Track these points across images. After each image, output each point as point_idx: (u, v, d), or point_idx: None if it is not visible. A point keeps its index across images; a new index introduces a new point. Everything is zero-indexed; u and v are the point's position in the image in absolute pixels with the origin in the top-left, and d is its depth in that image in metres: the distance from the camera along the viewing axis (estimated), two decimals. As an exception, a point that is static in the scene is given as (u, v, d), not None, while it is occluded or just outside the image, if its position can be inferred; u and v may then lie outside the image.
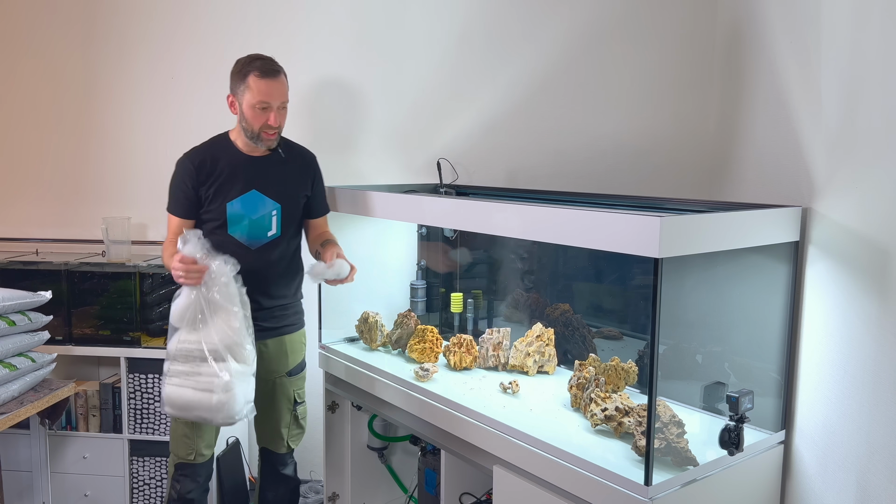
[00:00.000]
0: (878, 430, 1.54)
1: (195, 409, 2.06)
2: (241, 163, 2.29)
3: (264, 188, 2.30)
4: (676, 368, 1.96)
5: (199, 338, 2.05)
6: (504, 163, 2.86)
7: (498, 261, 2.71)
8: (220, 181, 2.26)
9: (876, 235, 1.57)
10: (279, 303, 2.36)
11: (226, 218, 2.26)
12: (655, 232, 1.50)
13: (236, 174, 2.28)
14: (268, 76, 2.20)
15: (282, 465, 2.49)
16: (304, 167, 2.41)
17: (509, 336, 2.39)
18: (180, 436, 2.33)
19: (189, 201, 2.27)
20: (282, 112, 2.25)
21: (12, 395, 2.40)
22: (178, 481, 2.34)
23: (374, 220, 2.54)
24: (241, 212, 2.27)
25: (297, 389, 2.46)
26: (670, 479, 1.62)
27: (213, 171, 2.27)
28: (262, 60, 2.22)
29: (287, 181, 2.35)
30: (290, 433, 2.47)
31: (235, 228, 2.27)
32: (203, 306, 2.06)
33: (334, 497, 2.68)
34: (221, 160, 2.28)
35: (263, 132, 2.23)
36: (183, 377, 2.05)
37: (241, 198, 2.27)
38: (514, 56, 2.82)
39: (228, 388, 2.05)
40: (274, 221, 2.31)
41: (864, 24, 1.62)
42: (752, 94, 2.29)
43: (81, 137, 3.19)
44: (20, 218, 3.25)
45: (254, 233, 2.28)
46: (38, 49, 3.18)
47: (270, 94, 2.19)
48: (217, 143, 2.33)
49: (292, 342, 2.42)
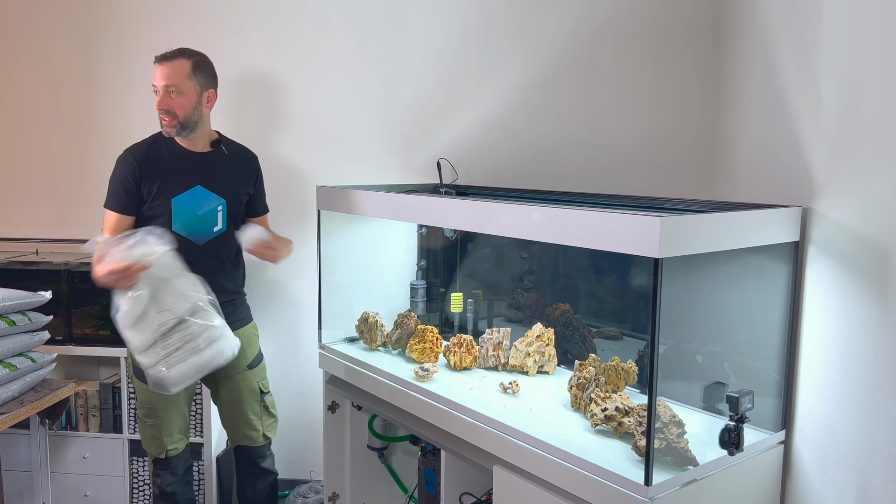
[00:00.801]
0: (878, 430, 1.54)
1: (211, 363, 2.10)
2: (185, 158, 2.32)
3: (209, 184, 2.32)
4: (676, 368, 1.96)
5: (170, 315, 2.07)
6: (504, 163, 2.86)
7: (498, 261, 2.71)
8: (164, 177, 2.27)
9: (876, 235, 1.57)
10: (229, 298, 2.40)
11: (171, 214, 2.27)
12: (655, 232, 1.50)
13: (180, 170, 2.30)
14: (156, 62, 2.30)
15: (261, 457, 2.51)
16: (247, 166, 2.45)
17: (509, 336, 2.39)
18: (148, 437, 2.39)
19: (130, 197, 2.27)
20: (170, 96, 2.27)
21: (12, 395, 2.40)
22: (158, 476, 2.41)
23: (374, 220, 2.54)
24: (187, 207, 2.29)
25: (261, 380, 2.51)
26: (670, 479, 1.62)
27: (157, 166, 2.28)
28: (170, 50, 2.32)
29: (230, 177, 2.38)
30: (265, 423, 2.51)
31: (181, 224, 2.28)
32: (155, 289, 2.07)
33: (334, 497, 2.68)
34: (164, 156, 2.30)
35: (160, 117, 2.29)
36: (178, 351, 2.07)
37: (187, 193, 2.29)
38: (514, 56, 2.82)
39: (223, 328, 2.13)
40: (219, 216, 2.34)
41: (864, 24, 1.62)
42: (752, 93, 2.29)
43: (81, 137, 3.19)
44: (20, 218, 3.25)
45: (200, 228, 2.31)
46: (38, 49, 3.19)
47: (156, 77, 2.29)
48: (158, 140, 2.35)
49: (246, 336, 2.46)
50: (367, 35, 2.95)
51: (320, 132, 3.01)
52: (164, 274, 2.09)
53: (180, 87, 2.26)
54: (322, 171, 3.01)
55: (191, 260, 2.20)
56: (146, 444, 2.42)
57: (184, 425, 2.44)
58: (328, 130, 3.01)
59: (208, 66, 2.35)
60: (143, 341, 2.08)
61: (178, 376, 2.06)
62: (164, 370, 2.06)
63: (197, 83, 2.29)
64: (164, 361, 2.06)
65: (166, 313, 2.08)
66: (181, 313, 2.08)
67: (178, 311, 2.08)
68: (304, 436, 3.10)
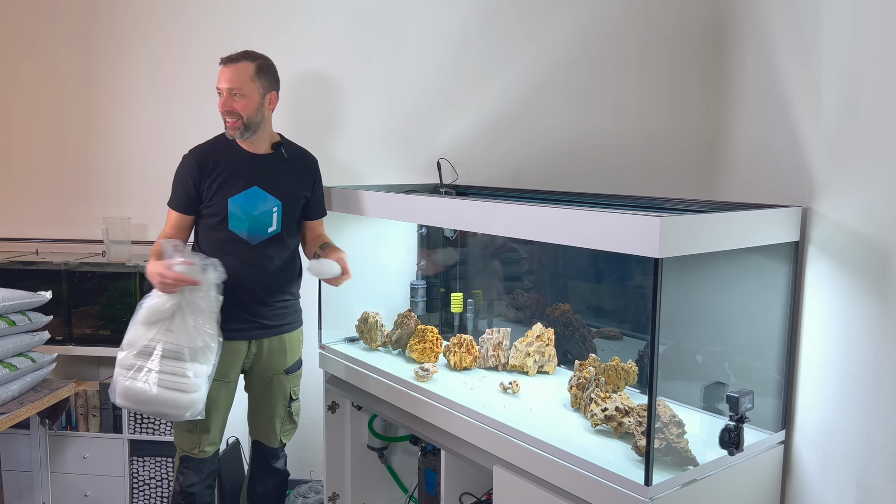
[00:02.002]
0: (878, 430, 1.54)
1: (158, 405, 2.10)
2: (244, 160, 2.33)
3: (266, 185, 2.32)
4: (676, 368, 1.96)
5: (174, 339, 2.09)
6: (504, 163, 2.86)
7: (498, 261, 2.71)
8: (222, 177, 2.29)
9: (876, 235, 1.57)
10: (280, 298, 2.38)
11: (227, 213, 2.28)
12: (655, 232, 1.50)
13: (238, 171, 2.31)
14: (222, 63, 2.28)
15: (273, 458, 2.51)
16: (305, 169, 2.44)
17: (509, 336, 2.39)
18: (184, 430, 2.36)
19: (189, 197, 2.30)
20: (234, 98, 2.26)
21: (12, 395, 2.40)
22: (182, 473, 2.37)
23: (374, 220, 2.54)
24: (243, 207, 2.29)
25: (293, 386, 2.49)
26: (670, 479, 1.62)
27: (216, 167, 2.30)
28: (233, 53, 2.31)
29: (288, 180, 2.37)
30: (283, 428, 2.50)
31: (236, 224, 2.29)
32: (182, 308, 2.10)
33: (334, 497, 2.68)
34: (224, 157, 2.32)
35: (224, 119, 2.29)
36: (147, 373, 2.08)
37: (243, 194, 2.29)
38: (514, 56, 2.82)
39: (198, 388, 2.12)
40: (274, 218, 2.33)
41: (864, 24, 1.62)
42: (752, 94, 2.29)
43: (81, 137, 3.19)
44: (20, 218, 3.25)
45: (254, 228, 2.30)
46: (38, 49, 3.19)
47: (219, 80, 2.27)
48: (220, 141, 2.36)
49: (291, 340, 2.44)
50: (367, 35, 2.95)
51: (320, 132, 3.01)
52: (198, 302, 2.12)
53: (243, 89, 2.26)
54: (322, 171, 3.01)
55: (244, 259, 2.26)
56: (179, 438, 2.37)
57: (222, 429, 2.41)
58: (328, 131, 3.01)
59: (271, 69, 2.36)
60: (136, 342, 2.10)
61: (130, 389, 2.08)
62: (127, 381, 2.07)
63: (260, 85, 2.29)
64: (136, 373, 2.08)
65: (171, 335, 2.10)
66: (183, 344, 2.10)
67: (182, 342, 2.10)
68: (304, 436, 3.10)
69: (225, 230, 2.29)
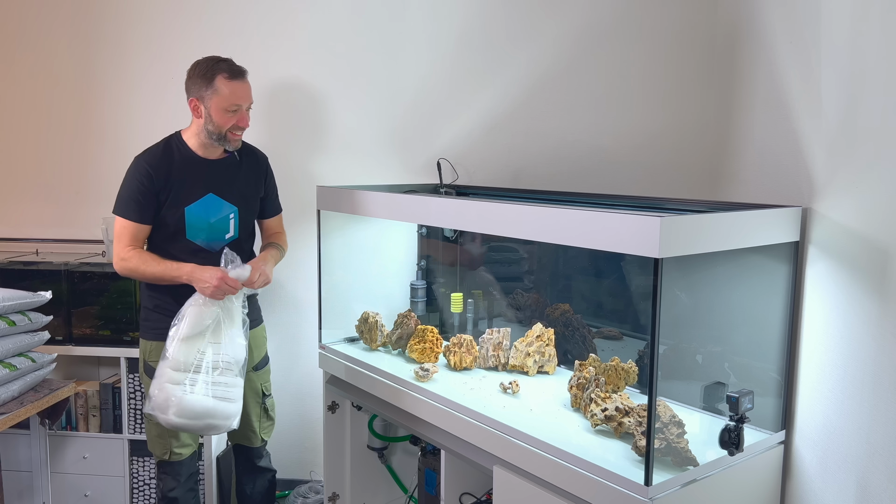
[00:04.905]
0: (878, 430, 1.54)
1: (213, 417, 2.09)
2: (198, 166, 2.27)
3: (221, 191, 2.29)
4: (676, 368, 1.96)
5: (220, 349, 2.10)
6: (504, 163, 2.86)
7: (498, 261, 2.71)
8: (176, 185, 2.23)
9: (876, 235, 1.57)
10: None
11: (185, 223, 2.24)
12: (655, 232, 1.50)
13: (193, 178, 2.25)
14: (237, 77, 2.20)
15: (258, 457, 2.52)
16: (258, 168, 2.42)
17: (509, 336, 2.39)
18: (154, 436, 2.36)
19: (149, 205, 2.21)
20: (247, 113, 2.27)
21: (12, 395, 2.40)
22: (161, 479, 2.39)
23: (374, 220, 2.54)
24: (200, 216, 2.25)
25: (264, 383, 2.51)
26: (670, 479, 1.62)
27: (170, 174, 2.23)
28: (226, 62, 2.22)
29: (242, 183, 2.35)
30: (262, 426, 2.52)
31: (194, 233, 2.26)
32: (222, 317, 2.12)
33: (334, 497, 2.68)
34: (177, 163, 2.25)
35: (230, 133, 2.24)
36: (205, 386, 2.07)
37: (200, 202, 2.25)
38: (514, 56, 2.82)
39: (240, 396, 2.15)
40: (231, 224, 2.32)
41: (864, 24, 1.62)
42: (752, 94, 2.29)
43: (81, 137, 3.19)
44: (20, 218, 3.25)
45: (212, 236, 2.28)
46: (37, 49, 3.19)
47: (240, 96, 2.20)
48: (171, 145, 2.28)
49: (255, 338, 2.46)
50: (367, 35, 2.95)
51: (321, 132, 3.01)
52: (234, 311, 2.13)
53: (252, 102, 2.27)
54: (322, 171, 3.01)
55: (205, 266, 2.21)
56: (151, 445, 2.39)
57: (190, 436, 2.39)
58: (329, 130, 3.01)
59: None
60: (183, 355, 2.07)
61: (191, 405, 2.05)
62: (188, 396, 2.04)
63: None
64: (192, 387, 2.05)
65: (218, 345, 2.10)
66: (229, 353, 2.10)
67: (228, 351, 2.11)
68: (304, 436, 3.10)
69: (182, 240, 2.25)
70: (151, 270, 2.19)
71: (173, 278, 2.18)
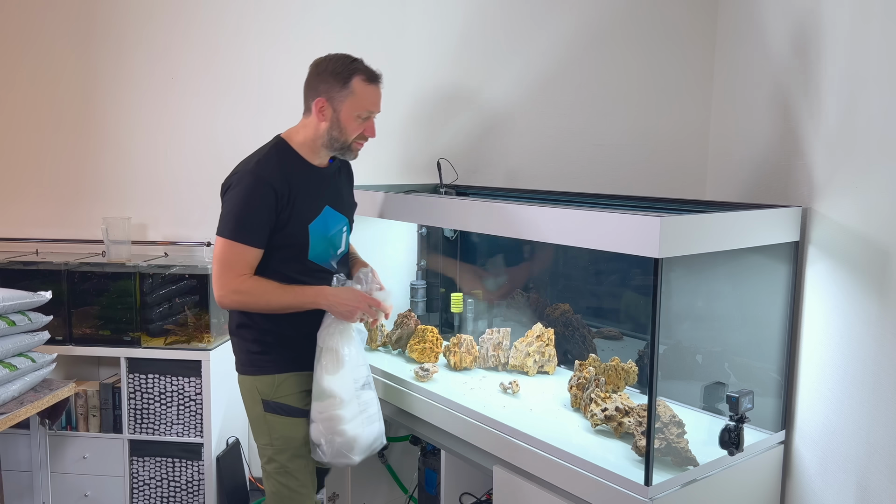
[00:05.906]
0: (878, 430, 1.54)
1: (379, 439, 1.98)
2: (314, 176, 1.97)
3: (335, 203, 2.01)
4: (676, 368, 1.97)
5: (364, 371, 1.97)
6: (504, 163, 2.86)
7: (498, 261, 2.71)
8: (296, 201, 1.90)
9: (876, 235, 1.57)
10: None
11: (308, 242, 1.92)
12: (655, 232, 1.50)
13: (313, 191, 1.95)
14: (374, 81, 1.95)
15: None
16: (349, 174, 2.20)
17: (509, 336, 2.39)
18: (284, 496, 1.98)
19: (269, 229, 1.88)
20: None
21: (12, 395, 2.39)
22: None
23: (373, 220, 2.54)
24: (321, 233, 1.95)
25: None
26: (670, 479, 1.62)
27: (291, 189, 1.89)
28: (362, 62, 1.96)
29: (346, 192, 2.13)
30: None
31: (316, 252, 1.95)
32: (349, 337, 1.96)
33: (334, 497, 2.68)
34: (295, 175, 1.92)
35: (356, 143, 1.97)
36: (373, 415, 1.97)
37: (320, 217, 1.95)
38: (515, 56, 2.82)
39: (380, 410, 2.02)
40: (343, 238, 2.05)
41: (864, 24, 1.62)
42: (752, 94, 2.29)
43: (81, 137, 3.19)
44: (20, 218, 3.25)
45: (329, 253, 2.00)
46: (37, 49, 3.18)
47: (375, 102, 1.95)
48: (284, 154, 1.95)
49: None
50: (367, 35, 2.95)
51: (320, 132, 3.01)
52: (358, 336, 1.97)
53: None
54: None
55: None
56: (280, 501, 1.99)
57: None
58: (328, 130, 3.01)
59: None
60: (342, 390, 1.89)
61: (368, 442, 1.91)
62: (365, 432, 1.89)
63: None
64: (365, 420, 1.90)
65: (361, 368, 1.94)
66: (369, 374, 1.98)
67: (368, 372, 1.97)
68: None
69: (304, 261, 1.93)
70: (278, 300, 1.87)
71: (305, 304, 1.89)
